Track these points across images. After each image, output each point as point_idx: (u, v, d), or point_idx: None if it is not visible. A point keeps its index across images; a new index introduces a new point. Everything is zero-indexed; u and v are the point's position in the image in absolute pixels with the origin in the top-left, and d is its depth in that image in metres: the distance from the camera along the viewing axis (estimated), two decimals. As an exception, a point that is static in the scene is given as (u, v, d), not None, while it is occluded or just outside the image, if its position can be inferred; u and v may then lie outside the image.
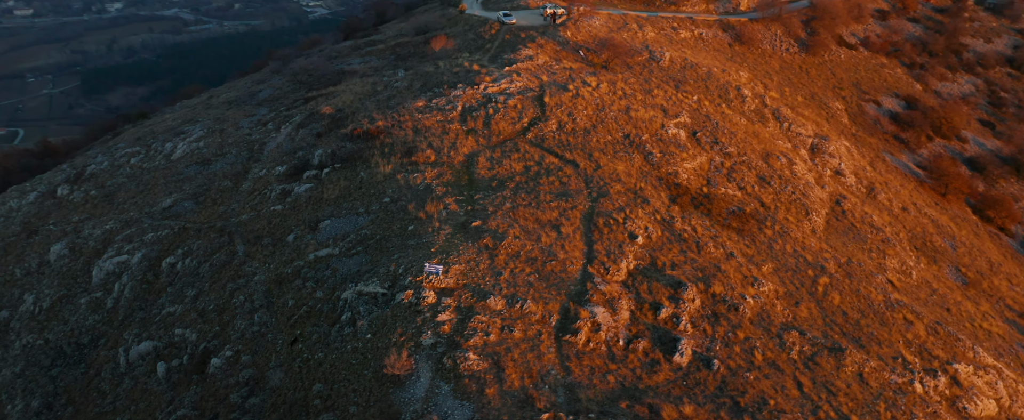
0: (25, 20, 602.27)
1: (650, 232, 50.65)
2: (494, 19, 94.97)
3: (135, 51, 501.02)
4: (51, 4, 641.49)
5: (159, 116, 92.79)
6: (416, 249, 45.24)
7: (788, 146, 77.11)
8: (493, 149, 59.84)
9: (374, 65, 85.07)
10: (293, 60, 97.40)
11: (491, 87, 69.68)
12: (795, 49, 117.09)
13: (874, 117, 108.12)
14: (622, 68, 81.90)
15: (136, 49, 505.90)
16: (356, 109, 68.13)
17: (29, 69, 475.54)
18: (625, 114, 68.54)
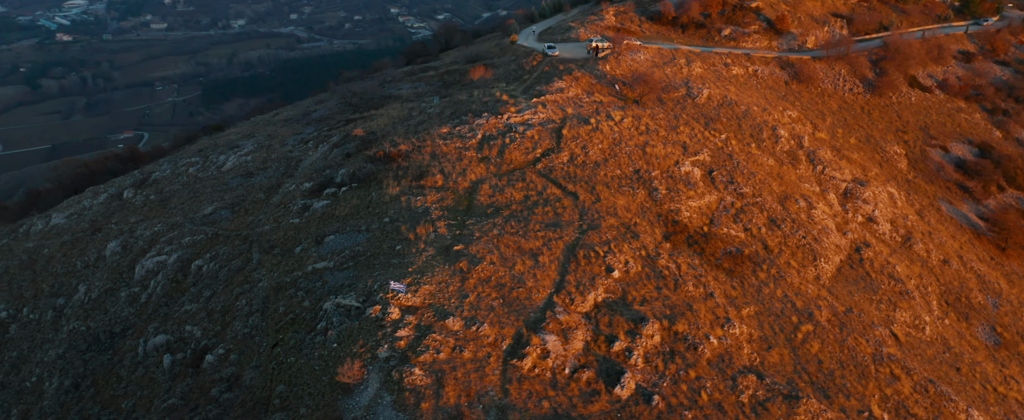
0: (159, 33, 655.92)
1: (629, 267, 52.17)
2: (540, 50, 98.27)
3: (252, 65, 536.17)
4: (183, 19, 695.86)
5: (232, 129, 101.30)
6: (396, 268, 48.74)
7: (815, 190, 76.16)
8: (500, 177, 62.84)
9: (419, 91, 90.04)
10: (355, 82, 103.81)
11: (514, 117, 72.82)
12: (859, 89, 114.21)
13: (937, 163, 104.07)
14: (654, 103, 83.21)
15: (253, 63, 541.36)
16: (387, 132, 72.89)
17: (158, 78, 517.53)
18: (640, 150, 70.03)
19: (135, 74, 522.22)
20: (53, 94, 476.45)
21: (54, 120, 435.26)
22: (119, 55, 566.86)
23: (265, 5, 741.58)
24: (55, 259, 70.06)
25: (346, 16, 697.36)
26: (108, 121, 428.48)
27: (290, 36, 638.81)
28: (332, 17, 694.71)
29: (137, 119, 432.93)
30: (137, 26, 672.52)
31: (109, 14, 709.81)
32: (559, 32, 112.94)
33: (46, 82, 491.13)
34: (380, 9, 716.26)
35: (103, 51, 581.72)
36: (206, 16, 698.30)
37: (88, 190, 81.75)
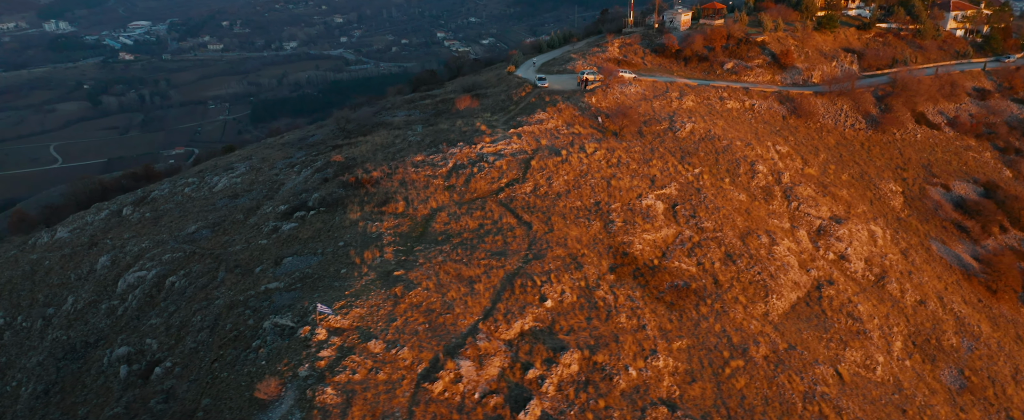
0: (215, 53, 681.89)
1: (564, 297, 53.86)
2: (532, 81, 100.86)
3: (301, 85, 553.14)
4: (239, 41, 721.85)
5: (238, 151, 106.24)
6: (336, 290, 51.42)
7: (785, 226, 76.58)
8: (461, 205, 65.28)
9: (411, 119, 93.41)
10: (363, 108, 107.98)
11: (488, 147, 75.35)
12: (862, 125, 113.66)
13: (936, 202, 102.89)
14: (633, 136, 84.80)
15: (302, 84, 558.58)
16: (365, 159, 76.16)
17: (211, 97, 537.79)
18: (605, 182, 71.73)
19: (190, 92, 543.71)
20: (112, 110, 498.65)
21: (111, 135, 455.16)
22: (176, 74, 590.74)
23: (317, 28, 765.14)
24: (53, 271, 74.89)
25: (393, 40, 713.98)
26: (162, 137, 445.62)
27: (339, 58, 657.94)
28: (380, 41, 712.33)
29: (189, 136, 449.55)
30: (195, 47, 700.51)
31: (170, 35, 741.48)
32: (560, 63, 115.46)
33: (107, 99, 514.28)
34: (427, 33, 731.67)
35: (162, 70, 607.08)
36: (260, 38, 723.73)
37: (94, 206, 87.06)
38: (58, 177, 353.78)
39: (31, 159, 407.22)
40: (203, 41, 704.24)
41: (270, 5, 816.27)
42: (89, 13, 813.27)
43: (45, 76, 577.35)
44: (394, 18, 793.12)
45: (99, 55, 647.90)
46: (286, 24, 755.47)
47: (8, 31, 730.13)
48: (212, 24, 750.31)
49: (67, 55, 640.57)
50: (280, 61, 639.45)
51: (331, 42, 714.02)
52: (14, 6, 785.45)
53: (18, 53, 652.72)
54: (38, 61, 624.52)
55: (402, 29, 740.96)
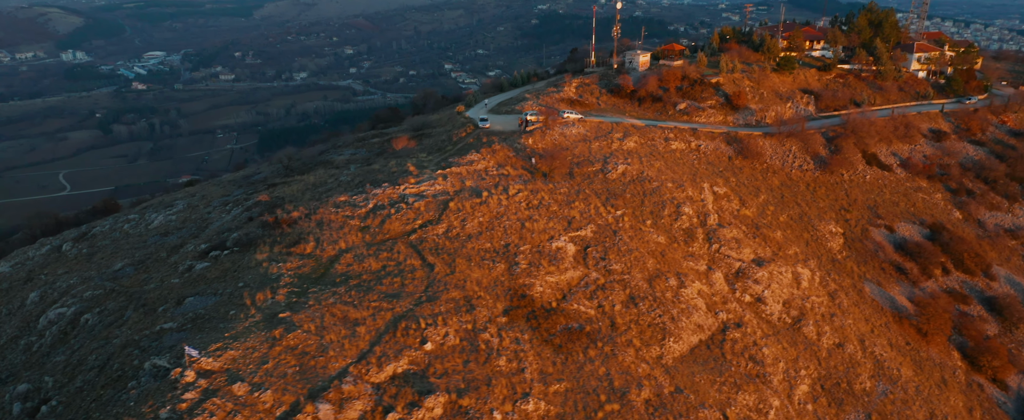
0: (226, 84, 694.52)
1: (446, 340, 55.32)
2: (476, 122, 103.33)
3: (308, 115, 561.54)
4: (250, 71, 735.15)
5: (190, 188, 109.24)
6: (219, 331, 53.19)
7: (700, 268, 77.76)
8: (370, 247, 67.16)
9: (354, 157, 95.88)
10: (316, 145, 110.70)
11: (411, 188, 77.44)
12: (810, 166, 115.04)
13: (877, 244, 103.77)
14: (562, 178, 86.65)
15: (309, 114, 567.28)
16: (292, 198, 78.47)
17: (220, 126, 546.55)
18: (520, 224, 73.48)
19: (199, 122, 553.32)
20: (123, 139, 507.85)
21: (120, 163, 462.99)
22: (187, 103, 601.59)
23: (327, 59, 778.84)
24: (-11, 305, 77.17)
25: (401, 71, 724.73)
26: (169, 166, 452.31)
27: (347, 89, 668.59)
28: (388, 72, 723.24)
29: (196, 164, 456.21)
30: (207, 77, 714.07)
31: (183, 65, 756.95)
32: (514, 103, 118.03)
33: (117, 127, 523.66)
34: (435, 65, 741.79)
35: (173, 99, 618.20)
36: (272, 68, 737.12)
37: (40, 241, 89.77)
38: (65, 204, 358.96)
39: (40, 186, 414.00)
40: (215, 71, 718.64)
41: (282, 36, 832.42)
42: (106, 43, 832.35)
43: (59, 105, 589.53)
44: (403, 49, 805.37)
45: (113, 84, 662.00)
46: (297, 55, 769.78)
47: (26, 61, 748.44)
48: (225, 55, 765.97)
49: (82, 84, 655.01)
50: (289, 91, 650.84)
51: (340, 73, 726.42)
52: (34, 36, 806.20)
53: (34, 82, 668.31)
54: (53, 90, 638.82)
55: (410, 61, 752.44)
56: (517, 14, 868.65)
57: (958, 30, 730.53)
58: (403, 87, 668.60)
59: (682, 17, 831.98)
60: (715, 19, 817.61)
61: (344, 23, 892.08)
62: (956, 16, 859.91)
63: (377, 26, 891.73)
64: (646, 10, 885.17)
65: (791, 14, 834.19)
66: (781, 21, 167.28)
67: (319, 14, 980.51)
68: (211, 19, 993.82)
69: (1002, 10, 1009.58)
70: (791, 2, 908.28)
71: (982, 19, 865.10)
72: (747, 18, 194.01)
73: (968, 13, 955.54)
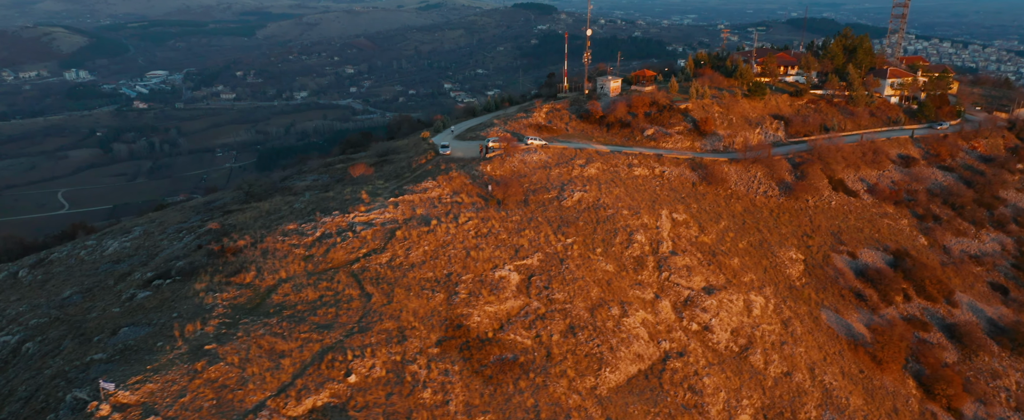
0: (227, 103, 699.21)
1: (372, 371, 55.77)
2: (437, 148, 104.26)
3: (307, 134, 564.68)
4: (251, 90, 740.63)
5: (153, 213, 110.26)
6: (143, 363, 53.72)
7: (647, 297, 78.12)
8: (311, 276, 67.78)
9: (315, 183, 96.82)
10: (305, 163, 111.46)
11: (361, 216, 78.18)
12: (774, 192, 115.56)
13: (838, 270, 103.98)
14: (516, 205, 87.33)
15: (308, 133, 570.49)
16: (243, 226, 79.26)
17: (220, 145, 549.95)
18: (465, 253, 74.07)
19: (199, 140, 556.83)
20: (122, 157, 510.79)
21: (119, 182, 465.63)
22: (187, 122, 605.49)
23: (328, 78, 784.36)
24: (-58, 331, 77.75)
25: (401, 90, 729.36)
26: (168, 184, 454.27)
27: (346, 108, 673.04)
28: (388, 91, 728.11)
29: (195, 183, 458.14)
30: (208, 96, 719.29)
31: (185, 84, 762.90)
32: (482, 129, 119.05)
33: (117, 146, 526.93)
34: (435, 84, 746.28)
35: (173, 118, 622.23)
36: (273, 88, 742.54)
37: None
38: (63, 223, 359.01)
39: (39, 205, 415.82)
40: (216, 90, 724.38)
41: (284, 56, 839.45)
42: (109, 62, 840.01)
43: (60, 123, 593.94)
44: (404, 69, 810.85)
45: (115, 103, 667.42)
46: (298, 74, 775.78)
47: (29, 79, 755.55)
48: (226, 74, 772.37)
49: (84, 103, 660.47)
50: (289, 110, 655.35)
51: (341, 92, 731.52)
52: (38, 56, 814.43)
53: (37, 101, 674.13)
54: (55, 109, 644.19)
55: (411, 80, 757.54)
56: (517, 34, 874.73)
57: (956, 51, 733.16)
58: (402, 106, 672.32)
59: (681, 37, 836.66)
60: (714, 40, 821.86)
61: (346, 43, 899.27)
62: (954, 37, 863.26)
63: (378, 46, 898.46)
64: (645, 31, 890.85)
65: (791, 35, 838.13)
66: (754, 47, 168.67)
67: (321, 34, 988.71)
68: (214, 38, 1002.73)
69: (1001, 31, 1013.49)
70: (790, 23, 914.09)
71: (981, 40, 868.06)
72: (724, 43, 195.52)
73: (967, 34, 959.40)
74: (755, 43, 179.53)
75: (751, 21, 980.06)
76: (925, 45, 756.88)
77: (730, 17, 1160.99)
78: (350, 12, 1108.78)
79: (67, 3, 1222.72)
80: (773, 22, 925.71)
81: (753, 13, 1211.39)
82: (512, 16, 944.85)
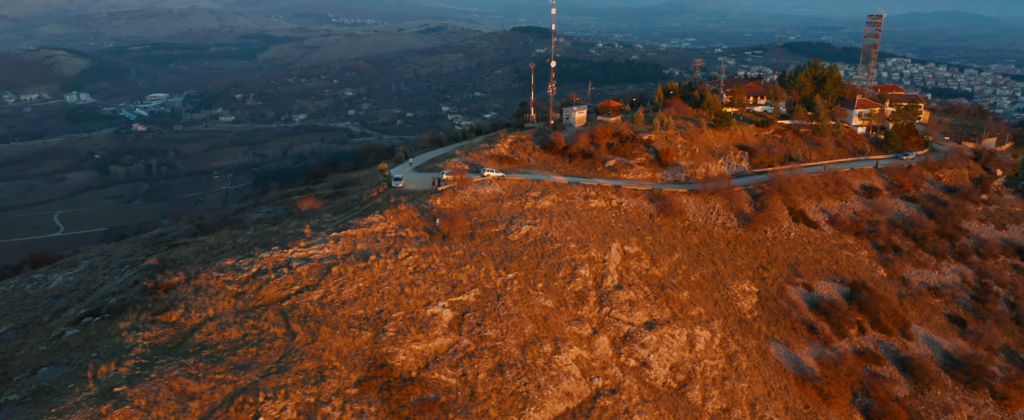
0: (225, 125, 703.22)
1: (283, 414, 55.75)
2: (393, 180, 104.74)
3: (304, 157, 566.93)
4: (250, 113, 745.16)
5: (108, 246, 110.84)
6: (50, 405, 53.86)
7: (584, 332, 78.08)
8: (239, 314, 67.98)
9: (268, 216, 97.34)
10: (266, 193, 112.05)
11: (299, 252, 78.56)
12: (733, 223, 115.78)
13: (792, 303, 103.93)
14: (461, 240, 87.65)
15: (305, 155, 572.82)
16: (183, 262, 79.66)
17: (217, 167, 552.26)
18: (399, 289, 74.28)
19: (196, 163, 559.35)
20: (119, 180, 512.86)
21: (115, 204, 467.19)
22: (185, 145, 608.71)
23: (327, 101, 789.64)
24: None
25: (399, 113, 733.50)
26: (164, 207, 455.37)
27: (344, 131, 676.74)
28: (386, 114, 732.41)
29: (190, 205, 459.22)
30: (207, 118, 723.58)
31: (185, 106, 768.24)
32: (444, 159, 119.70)
33: (115, 168, 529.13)
34: (433, 107, 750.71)
35: (172, 141, 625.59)
36: (272, 110, 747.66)
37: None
38: (58, 246, 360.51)
39: (34, 227, 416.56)
40: (216, 113, 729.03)
41: (284, 79, 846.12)
42: (111, 85, 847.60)
43: (59, 146, 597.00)
44: (403, 92, 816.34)
45: (114, 126, 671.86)
46: (297, 97, 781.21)
47: (31, 102, 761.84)
48: (226, 96, 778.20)
49: (83, 125, 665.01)
50: (288, 133, 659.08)
51: (339, 115, 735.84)
52: (40, 78, 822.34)
53: (37, 123, 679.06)
54: (55, 131, 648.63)
55: (409, 103, 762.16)
56: (515, 57, 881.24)
57: (952, 74, 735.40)
58: (399, 129, 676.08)
59: (678, 61, 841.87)
60: (711, 63, 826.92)
61: (345, 66, 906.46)
62: (951, 61, 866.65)
63: (378, 69, 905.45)
64: (643, 54, 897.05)
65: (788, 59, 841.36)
66: (722, 77, 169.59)
67: (322, 57, 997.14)
68: (215, 61, 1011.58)
69: (998, 55, 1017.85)
70: (787, 47, 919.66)
71: (977, 64, 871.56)
72: (696, 72, 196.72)
73: (964, 58, 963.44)
74: (722, 73, 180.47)
75: (749, 45, 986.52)
76: (921, 69, 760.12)
77: (729, 41, 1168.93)
78: (351, 35, 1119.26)
79: (71, 26, 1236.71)
80: (770, 46, 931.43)
81: (751, 37, 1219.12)
82: (511, 39, 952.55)
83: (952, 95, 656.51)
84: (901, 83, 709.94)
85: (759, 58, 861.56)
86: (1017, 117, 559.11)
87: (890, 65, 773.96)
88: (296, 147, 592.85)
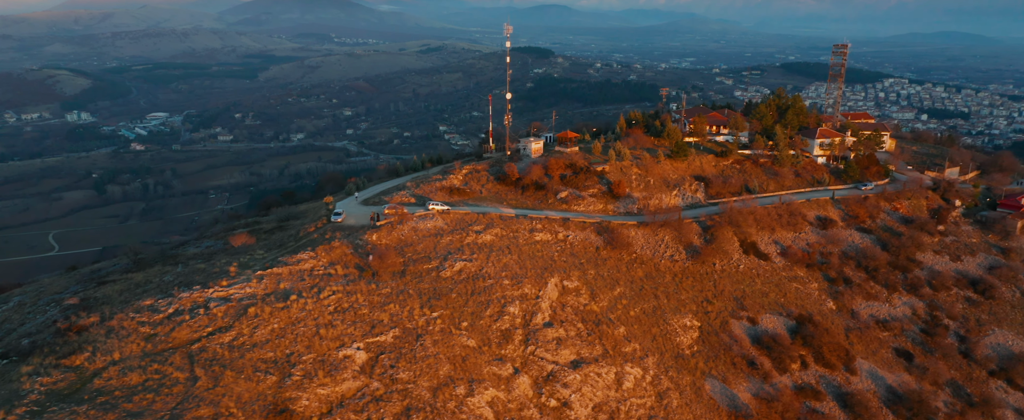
0: (224, 144, 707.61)
1: (168, 462, 55.65)
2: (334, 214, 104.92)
3: (300, 176, 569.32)
4: (249, 132, 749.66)
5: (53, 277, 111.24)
6: (-67, 454, 53.92)
7: (505, 373, 77.81)
8: (145, 357, 67.99)
9: (206, 251, 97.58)
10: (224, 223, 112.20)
11: (219, 291, 78.66)
12: (681, 256, 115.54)
13: (735, 337, 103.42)
14: (391, 277, 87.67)
15: (302, 174, 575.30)
16: (105, 301, 79.83)
17: (213, 186, 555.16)
18: (314, 330, 74.24)
19: (193, 182, 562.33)
20: (116, 199, 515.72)
21: (111, 224, 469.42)
22: (183, 164, 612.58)
23: (325, 120, 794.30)
24: None
25: (397, 133, 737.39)
26: (159, 226, 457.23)
27: (341, 150, 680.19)
28: (384, 133, 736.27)
29: (185, 225, 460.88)
30: (206, 137, 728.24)
31: (184, 125, 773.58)
32: (394, 192, 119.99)
33: (111, 188, 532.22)
34: (430, 127, 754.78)
35: (169, 160, 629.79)
36: (270, 129, 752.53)
37: None
38: (52, 265, 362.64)
39: (29, 246, 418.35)
40: (214, 132, 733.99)
41: (283, 98, 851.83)
42: (111, 104, 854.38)
43: (57, 165, 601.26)
44: (401, 111, 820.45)
45: (113, 145, 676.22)
46: (296, 116, 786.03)
47: (31, 121, 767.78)
48: (225, 116, 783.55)
49: (82, 145, 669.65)
50: (285, 152, 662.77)
51: (337, 134, 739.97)
52: (41, 97, 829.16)
53: (37, 142, 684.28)
54: (54, 150, 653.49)
55: (407, 122, 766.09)
56: (513, 77, 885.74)
57: (949, 95, 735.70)
58: (397, 148, 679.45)
59: (676, 81, 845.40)
60: (709, 83, 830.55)
61: (345, 85, 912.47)
62: (949, 81, 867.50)
63: (377, 88, 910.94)
64: (641, 74, 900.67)
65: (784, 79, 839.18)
66: (683, 107, 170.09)
67: (322, 76, 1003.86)
68: (217, 80, 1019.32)
69: (997, 75, 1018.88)
70: (785, 68, 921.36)
71: (976, 83, 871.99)
72: (663, 101, 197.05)
73: (963, 78, 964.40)
74: (683, 104, 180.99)
75: (747, 65, 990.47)
76: (918, 89, 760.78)
77: (728, 61, 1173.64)
78: (351, 55, 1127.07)
79: (75, 45, 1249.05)
80: (768, 66, 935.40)
81: (751, 57, 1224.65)
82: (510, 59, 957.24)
83: (948, 116, 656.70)
84: (898, 103, 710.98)
85: (756, 78, 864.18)
86: (1013, 138, 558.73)
87: (887, 85, 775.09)
88: (293, 166, 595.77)
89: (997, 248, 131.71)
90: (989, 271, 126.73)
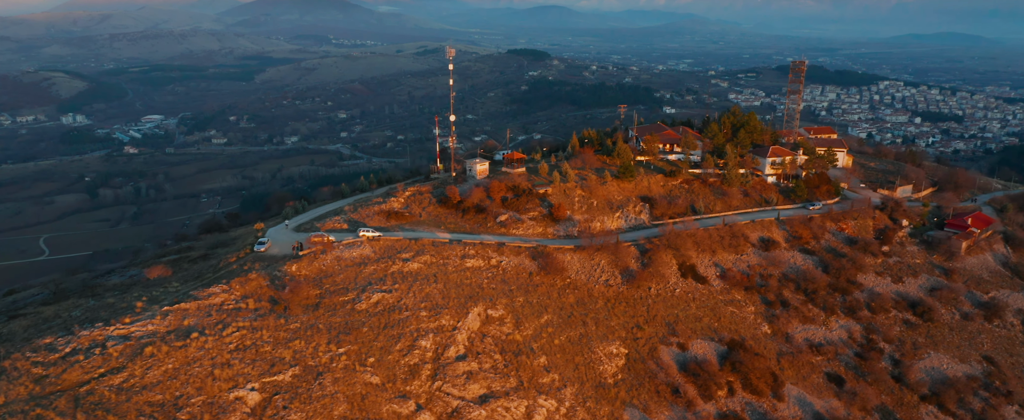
0: (218, 147, 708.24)
1: (27, 515, 55.58)
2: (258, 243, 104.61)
3: (293, 179, 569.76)
4: (243, 135, 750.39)
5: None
6: None
7: (406, 411, 77.56)
8: (29, 401, 67.87)
9: (129, 281, 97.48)
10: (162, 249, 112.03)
11: (120, 329, 78.50)
12: (617, 281, 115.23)
13: (662, 364, 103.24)
14: (303, 311, 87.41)
15: (294, 178, 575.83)
16: (8, 338, 79.68)
17: (205, 190, 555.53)
18: (210, 370, 74.07)
19: (186, 185, 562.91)
20: (108, 202, 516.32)
21: (102, 228, 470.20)
22: (176, 167, 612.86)
23: (320, 123, 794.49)
24: None
25: (390, 135, 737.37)
26: (150, 230, 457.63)
27: (334, 153, 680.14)
28: (378, 136, 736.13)
29: (176, 229, 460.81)
30: (200, 140, 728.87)
31: (179, 129, 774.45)
32: (329, 217, 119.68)
33: (104, 191, 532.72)
34: (424, 129, 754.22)
35: (163, 163, 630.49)
36: (264, 132, 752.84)
37: None
38: (43, 270, 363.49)
39: (19, 251, 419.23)
40: (209, 135, 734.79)
41: (278, 101, 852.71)
42: (107, 107, 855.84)
43: (50, 168, 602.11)
44: (395, 114, 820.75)
45: (106, 148, 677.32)
46: (291, 119, 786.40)
47: (26, 124, 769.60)
48: (220, 119, 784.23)
49: (76, 148, 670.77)
50: (278, 155, 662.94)
51: (331, 137, 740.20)
52: (37, 100, 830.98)
53: (31, 145, 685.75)
54: (47, 153, 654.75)
55: (401, 125, 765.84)
56: (508, 80, 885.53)
57: (944, 97, 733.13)
58: (389, 151, 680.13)
59: (671, 84, 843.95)
60: (704, 86, 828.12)
61: (340, 88, 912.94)
62: (946, 83, 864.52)
63: (372, 90, 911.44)
64: (636, 76, 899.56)
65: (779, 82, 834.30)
66: (635, 125, 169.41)
67: (318, 78, 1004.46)
68: (213, 83, 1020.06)
69: (994, 77, 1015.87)
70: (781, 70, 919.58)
71: (973, 85, 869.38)
72: (620, 117, 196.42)
73: (960, 80, 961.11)
74: (635, 121, 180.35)
75: (744, 67, 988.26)
76: (913, 92, 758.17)
77: (726, 62, 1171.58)
78: (348, 57, 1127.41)
79: (73, 47, 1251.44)
80: (764, 68, 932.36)
81: (749, 59, 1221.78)
82: (505, 62, 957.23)
83: (942, 119, 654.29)
84: (892, 106, 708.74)
85: (752, 80, 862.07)
86: (1006, 141, 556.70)
87: (882, 88, 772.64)
88: (286, 170, 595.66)
89: (940, 269, 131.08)
90: (930, 293, 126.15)
